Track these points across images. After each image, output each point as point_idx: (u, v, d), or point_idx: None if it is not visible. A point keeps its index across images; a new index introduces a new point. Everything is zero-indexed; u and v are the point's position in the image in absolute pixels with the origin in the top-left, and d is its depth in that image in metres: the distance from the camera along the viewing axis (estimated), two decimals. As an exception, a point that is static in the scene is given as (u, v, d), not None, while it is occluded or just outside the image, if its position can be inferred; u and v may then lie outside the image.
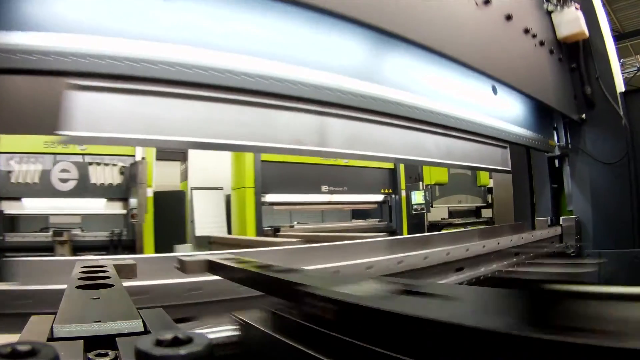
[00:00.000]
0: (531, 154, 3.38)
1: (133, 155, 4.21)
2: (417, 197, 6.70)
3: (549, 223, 3.17)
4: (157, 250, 4.34)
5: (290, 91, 1.38)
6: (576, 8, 2.88)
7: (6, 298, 0.98)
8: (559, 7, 2.88)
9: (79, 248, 3.90)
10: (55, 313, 0.54)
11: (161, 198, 4.96)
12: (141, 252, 4.09)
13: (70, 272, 0.82)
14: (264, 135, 1.44)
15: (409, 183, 6.63)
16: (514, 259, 2.42)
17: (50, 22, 1.01)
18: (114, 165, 4.14)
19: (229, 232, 5.27)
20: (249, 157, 4.93)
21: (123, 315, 0.52)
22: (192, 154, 5.70)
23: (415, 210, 6.66)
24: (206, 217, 5.42)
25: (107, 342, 0.47)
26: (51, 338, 0.47)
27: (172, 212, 5.27)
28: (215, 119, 1.34)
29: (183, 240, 5.32)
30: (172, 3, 1.19)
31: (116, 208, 4.18)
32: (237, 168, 5.12)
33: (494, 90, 2.42)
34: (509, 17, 2.31)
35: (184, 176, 6.01)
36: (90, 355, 0.44)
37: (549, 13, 2.89)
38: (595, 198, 3.03)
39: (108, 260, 0.98)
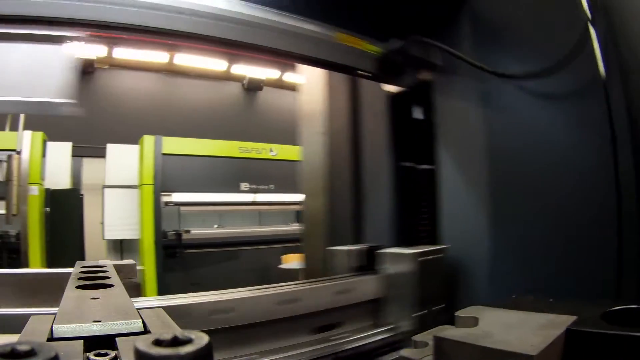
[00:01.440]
0: (359, 100, 1.60)
1: (15, 150, 3.83)
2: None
3: (358, 262, 1.22)
4: (46, 256, 4.10)
5: None
6: None
7: None
8: None
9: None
10: (55, 313, 0.54)
11: (55, 197, 4.57)
12: (26, 256, 3.86)
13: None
14: None
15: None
16: None
17: None
18: (3, 161, 3.80)
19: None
20: (148, 149, 4.39)
21: (123, 315, 0.52)
22: (111, 149, 5.10)
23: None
24: (117, 219, 4.88)
25: (107, 342, 0.47)
26: (51, 338, 0.47)
27: (66, 213, 4.75)
28: None
29: (78, 245, 4.81)
30: None
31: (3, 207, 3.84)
32: (140, 162, 4.57)
33: None
34: None
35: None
36: (90, 355, 0.44)
37: None
38: (502, 188, 1.17)
39: (108, 260, 0.98)
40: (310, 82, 1.79)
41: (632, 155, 0.94)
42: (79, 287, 0.69)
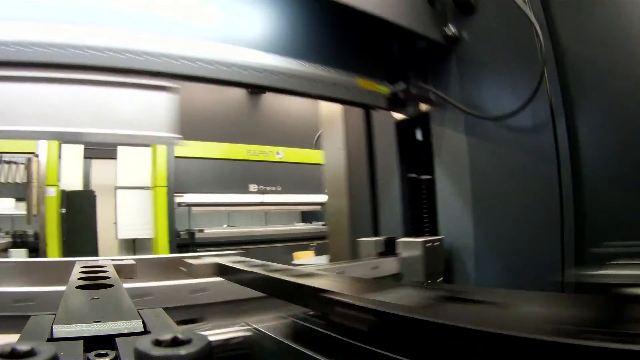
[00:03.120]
0: (372, 124, 2.05)
1: (33, 153, 3.92)
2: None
3: (381, 249, 1.66)
4: (64, 253, 4.23)
5: None
6: None
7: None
8: None
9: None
10: (55, 313, 0.54)
11: (71, 198, 4.74)
12: (44, 255, 3.98)
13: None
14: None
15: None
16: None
17: None
18: (21, 163, 3.94)
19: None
20: (161, 152, 4.58)
21: (123, 315, 0.52)
22: (122, 150, 5.19)
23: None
24: (130, 219, 5.03)
25: (107, 342, 0.47)
26: (51, 338, 0.47)
27: (82, 213, 4.93)
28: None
29: (94, 243, 4.97)
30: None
31: (24, 208, 4.00)
32: (153, 165, 4.76)
33: None
34: None
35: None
36: (90, 355, 0.44)
37: None
38: (480, 198, 1.57)
39: (108, 261, 0.98)
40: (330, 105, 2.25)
41: (570, 174, 1.32)
42: (79, 287, 0.69)
